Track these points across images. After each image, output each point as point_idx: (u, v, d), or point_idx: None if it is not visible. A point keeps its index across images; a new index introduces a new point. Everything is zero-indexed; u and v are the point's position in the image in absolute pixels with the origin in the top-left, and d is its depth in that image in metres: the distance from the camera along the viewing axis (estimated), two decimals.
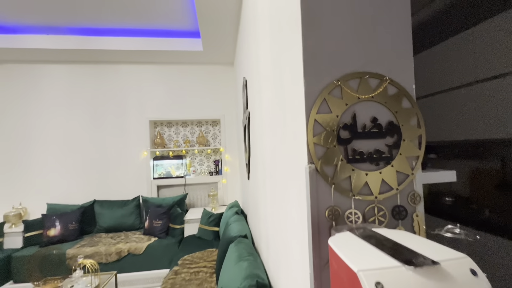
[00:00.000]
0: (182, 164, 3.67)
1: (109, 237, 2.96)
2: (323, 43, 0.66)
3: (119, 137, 3.46)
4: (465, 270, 0.40)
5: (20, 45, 2.95)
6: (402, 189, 0.67)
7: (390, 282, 0.38)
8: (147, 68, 3.55)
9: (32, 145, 3.27)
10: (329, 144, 0.65)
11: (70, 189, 3.31)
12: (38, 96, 3.30)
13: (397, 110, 0.69)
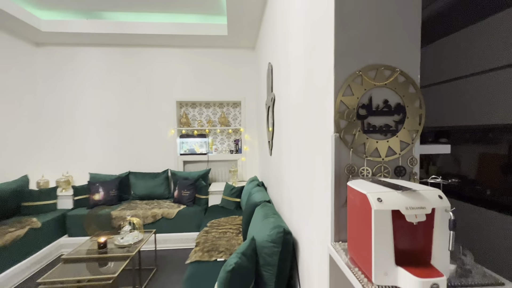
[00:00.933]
0: (205, 142, 3.99)
1: (143, 203, 3.38)
2: (349, 42, 0.88)
3: (150, 115, 3.80)
4: (434, 195, 0.64)
5: (63, 29, 3.23)
6: (403, 154, 0.91)
7: (386, 198, 0.63)
8: (174, 51, 3.79)
9: (76, 121, 3.67)
10: (350, 119, 0.89)
11: (108, 161, 3.73)
12: (80, 76, 3.65)
13: (404, 95, 0.90)
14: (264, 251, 1.42)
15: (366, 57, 0.89)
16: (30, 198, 3.00)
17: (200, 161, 3.98)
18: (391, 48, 0.90)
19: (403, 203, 0.62)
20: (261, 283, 1.42)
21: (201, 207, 3.30)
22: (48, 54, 3.61)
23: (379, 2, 0.88)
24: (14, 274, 2.37)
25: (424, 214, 0.62)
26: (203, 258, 1.93)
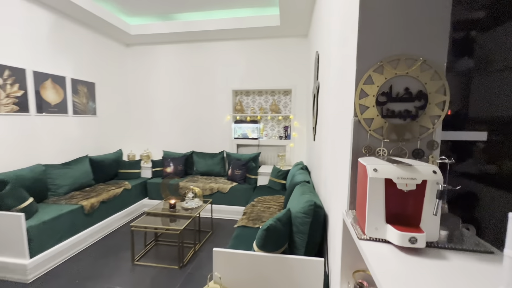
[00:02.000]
0: (257, 128, 4.32)
1: (203, 178, 3.96)
2: (371, 36, 0.99)
3: (210, 103, 4.32)
4: (429, 170, 0.75)
5: (146, 31, 3.94)
6: (422, 137, 0.99)
7: (381, 169, 0.77)
8: (232, 44, 4.15)
9: (154, 108, 4.47)
10: (369, 105, 1.01)
11: (177, 142, 4.45)
12: (158, 70, 4.40)
13: (427, 82, 0.97)
14: (297, 220, 1.65)
15: (388, 48, 0.98)
16: (123, 167, 3.90)
17: (251, 145, 4.35)
18: (415, 39, 0.96)
19: (395, 174, 0.76)
20: (294, 246, 1.66)
21: (250, 185, 3.68)
22: (135, 52, 4.45)
23: None
24: (115, 220, 3.22)
25: (414, 184, 0.75)
26: (248, 224, 2.28)
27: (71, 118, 3.38)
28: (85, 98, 3.59)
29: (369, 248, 0.75)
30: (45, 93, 2.99)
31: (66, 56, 3.27)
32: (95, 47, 3.77)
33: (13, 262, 2.13)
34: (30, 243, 2.17)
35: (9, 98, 2.59)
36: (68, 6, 3.02)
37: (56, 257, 2.40)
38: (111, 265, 2.42)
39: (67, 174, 3.05)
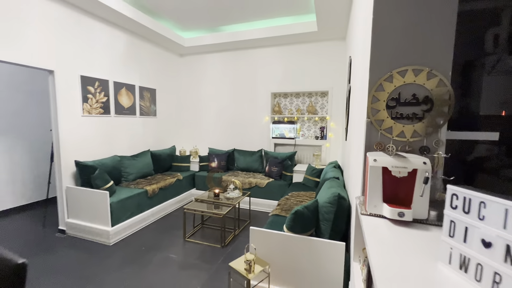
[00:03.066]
0: (294, 128, 4.55)
1: (243, 173, 4.36)
2: (383, 50, 1.18)
3: (251, 105, 4.70)
4: (420, 161, 0.94)
5: (197, 43, 4.51)
6: (428, 136, 1.14)
7: (380, 159, 0.98)
8: (271, 50, 4.47)
9: (202, 110, 5.05)
10: (379, 108, 1.21)
11: (221, 140, 4.95)
12: (206, 76, 4.96)
13: (432, 88, 1.13)
14: (323, 209, 1.87)
15: (397, 60, 1.17)
16: (176, 161, 4.53)
17: (288, 144, 4.59)
18: (422, 52, 1.13)
19: (390, 163, 0.96)
20: (320, 232, 1.88)
21: (286, 182, 3.94)
22: (188, 62, 5.09)
23: (413, 17, 1.13)
24: (169, 204, 3.82)
25: (406, 172, 0.94)
26: (281, 214, 2.55)
27: (138, 119, 4.11)
28: (148, 102, 4.30)
29: (367, 220, 0.98)
30: (120, 98, 3.73)
31: (135, 67, 4.00)
32: (156, 58, 4.47)
33: (101, 228, 2.80)
34: (112, 215, 2.81)
35: (97, 103, 3.34)
36: (139, 28, 3.71)
37: (128, 229, 3.03)
38: (167, 239, 2.95)
39: (135, 164, 3.75)
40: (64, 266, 2.38)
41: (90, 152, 3.29)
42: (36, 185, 3.93)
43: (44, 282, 2.13)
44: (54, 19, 2.80)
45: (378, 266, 0.67)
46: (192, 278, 2.23)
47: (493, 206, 0.54)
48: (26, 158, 3.81)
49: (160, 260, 2.51)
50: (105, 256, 2.57)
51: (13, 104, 3.65)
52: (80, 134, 3.15)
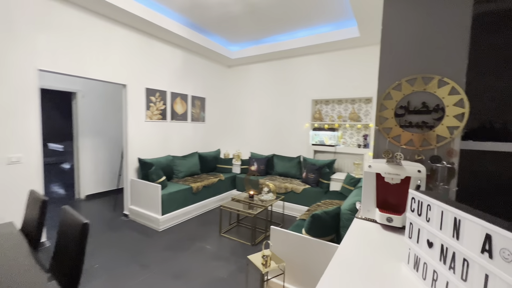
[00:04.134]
0: (334, 135, 4.46)
1: (280, 178, 4.47)
2: (392, 58, 1.20)
3: (291, 112, 4.81)
4: (414, 169, 0.95)
5: (242, 55, 4.89)
6: (439, 146, 1.11)
7: (375, 166, 1.02)
8: (312, 58, 4.52)
9: (245, 116, 5.40)
10: (388, 116, 1.22)
11: (261, 145, 5.18)
12: (251, 85, 5.31)
13: (444, 96, 1.10)
14: (344, 216, 1.87)
15: (406, 69, 1.17)
16: (220, 162, 4.94)
17: (328, 152, 4.52)
18: (432, 60, 1.12)
19: (384, 170, 0.99)
20: (339, 239, 1.88)
21: (322, 189, 3.89)
22: (234, 72, 5.53)
23: (422, 26, 1.13)
24: (211, 202, 4.20)
25: (399, 179, 0.96)
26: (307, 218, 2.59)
27: (189, 124, 4.67)
28: (198, 109, 4.85)
29: (359, 223, 1.02)
30: (176, 106, 4.32)
31: (188, 79, 4.58)
32: (207, 70, 5.01)
33: (153, 216, 3.31)
34: (162, 206, 3.30)
35: (157, 110, 3.97)
36: (193, 45, 4.26)
37: (174, 219, 3.48)
38: (205, 232, 3.28)
39: (184, 164, 4.27)
40: (123, 242, 2.92)
41: (150, 151, 3.91)
42: (111, 177, 4.84)
43: (107, 252, 2.67)
44: (128, 44, 3.50)
45: (340, 255, 0.75)
46: (221, 268, 2.47)
47: (435, 209, 0.58)
48: (105, 155, 4.75)
49: (197, 249, 2.83)
50: (155, 239, 3.03)
51: (98, 111, 4.62)
52: (143, 136, 3.80)
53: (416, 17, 1.14)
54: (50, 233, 2.97)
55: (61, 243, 1.26)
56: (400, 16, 1.19)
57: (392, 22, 1.21)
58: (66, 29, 2.82)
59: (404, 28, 1.17)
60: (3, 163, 2.42)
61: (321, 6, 3.26)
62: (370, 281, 0.65)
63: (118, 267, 2.41)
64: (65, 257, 1.18)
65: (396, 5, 1.20)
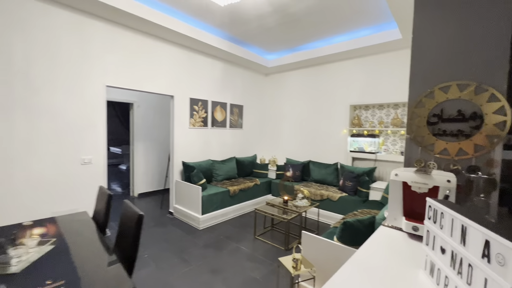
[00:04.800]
0: (375, 142, 4.25)
1: (316, 185, 4.43)
2: (423, 66, 1.19)
3: (327, 118, 4.75)
4: (443, 179, 0.93)
5: (279, 63, 5.03)
6: (477, 155, 1.06)
7: (402, 174, 1.03)
8: (350, 62, 4.42)
9: (282, 122, 5.50)
10: (420, 125, 1.20)
11: (297, 151, 5.20)
12: (287, 91, 5.40)
13: (482, 104, 1.05)
14: (377, 226, 1.83)
15: (439, 76, 1.15)
16: (256, 167, 5.11)
17: (368, 159, 4.33)
18: (468, 66, 1.08)
19: (411, 179, 1.00)
20: None
21: (361, 198, 3.74)
22: (271, 80, 5.70)
23: (456, 32, 1.10)
24: (246, 205, 4.37)
25: (426, 188, 0.96)
26: None
27: (228, 130, 4.95)
28: (236, 116, 5.11)
29: (384, 231, 1.03)
30: (216, 114, 4.65)
31: (227, 88, 4.88)
32: (244, 79, 5.27)
33: (194, 215, 3.61)
34: (202, 206, 3.57)
35: (199, 118, 4.33)
36: (232, 56, 4.55)
37: (213, 219, 3.73)
38: (241, 234, 3.44)
39: (223, 168, 4.54)
40: (168, 237, 3.24)
41: (192, 155, 4.27)
42: (159, 178, 5.38)
43: (155, 245, 3.00)
44: (175, 59, 3.92)
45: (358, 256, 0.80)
46: (255, 269, 2.58)
47: (446, 216, 0.61)
48: (154, 158, 5.31)
49: (233, 249, 3.00)
50: (195, 236, 3.30)
51: (150, 119, 5.22)
52: (186, 141, 4.18)
53: (449, 24, 1.12)
54: (109, 224, 3.47)
55: (122, 228, 1.53)
56: (432, 23, 1.17)
57: (423, 30, 1.19)
58: (126, 50, 3.32)
59: (436, 35, 1.15)
60: (79, 163, 2.94)
61: (358, 11, 3.22)
62: (384, 283, 0.69)
63: (164, 259, 2.71)
64: (125, 239, 1.44)
65: (427, 13, 1.19)
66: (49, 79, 2.69)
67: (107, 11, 2.90)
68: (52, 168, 2.75)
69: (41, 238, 1.40)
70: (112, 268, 1.22)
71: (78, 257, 1.27)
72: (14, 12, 2.46)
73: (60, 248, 1.36)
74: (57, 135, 2.78)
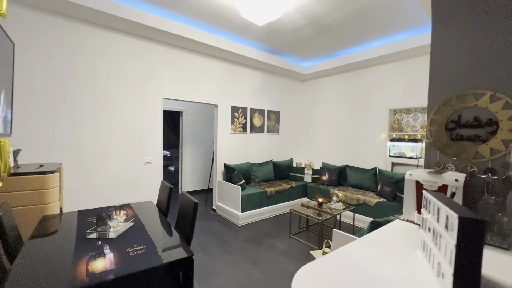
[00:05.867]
0: (416, 147, 4.10)
1: (353, 189, 4.43)
2: (441, 76, 1.30)
3: (365, 122, 4.72)
4: (452, 178, 1.06)
5: (315, 70, 5.18)
6: (493, 158, 1.14)
7: (415, 174, 1.17)
8: (387, 66, 4.36)
9: (318, 127, 5.60)
10: (438, 129, 1.31)
11: (334, 155, 5.24)
12: (324, 97, 5.51)
13: (497, 111, 1.14)
14: None
15: (456, 86, 1.26)
16: (292, 171, 5.29)
17: (409, 165, 4.18)
18: (483, 76, 1.18)
19: (423, 178, 1.14)
20: None
21: (400, 204, 3.66)
22: (307, 86, 5.86)
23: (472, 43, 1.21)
24: (282, 207, 4.59)
25: (436, 186, 1.09)
26: None
27: (265, 135, 5.26)
28: (273, 122, 5.40)
29: (399, 223, 1.19)
30: (254, 120, 5.00)
31: (265, 95, 5.21)
32: (281, 86, 5.54)
33: (234, 212, 3.97)
34: (241, 204, 3.91)
35: (239, 124, 4.73)
36: (270, 66, 4.88)
37: (251, 217, 4.04)
38: (277, 232, 3.68)
39: (261, 170, 4.85)
40: (213, 230, 3.65)
41: (233, 158, 4.68)
42: (203, 178, 5.94)
43: (201, 235, 3.42)
44: (219, 71, 4.40)
45: (368, 237, 0.99)
46: (289, 263, 2.79)
47: (431, 203, 0.78)
48: (200, 160, 5.90)
49: (269, 245, 3.25)
50: (235, 231, 3.65)
51: (196, 125, 5.83)
52: (228, 145, 4.60)
53: (464, 38, 1.23)
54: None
55: (181, 213, 1.93)
56: (448, 38, 1.28)
57: (440, 44, 1.31)
58: (179, 67, 3.89)
59: (452, 49, 1.26)
60: (142, 163, 3.55)
61: (393, 16, 3.24)
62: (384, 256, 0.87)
63: (209, 248, 3.10)
64: (184, 221, 1.82)
65: (443, 28, 1.31)
66: (121, 94, 3.35)
67: (165, 36, 3.48)
68: (122, 167, 3.39)
69: (125, 216, 1.87)
70: (176, 240, 1.60)
71: (151, 231, 1.68)
72: (100, 43, 3.16)
73: (138, 224, 1.79)
74: (127, 140, 3.42)
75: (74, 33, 2.97)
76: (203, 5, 3.05)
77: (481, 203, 1.11)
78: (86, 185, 3.11)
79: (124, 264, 1.25)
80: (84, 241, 1.50)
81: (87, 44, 3.06)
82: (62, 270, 1.19)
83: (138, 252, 1.38)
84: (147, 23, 3.15)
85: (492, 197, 1.08)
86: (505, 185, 1.11)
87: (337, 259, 0.85)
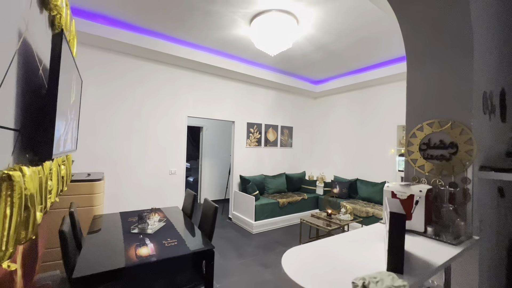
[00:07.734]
0: None
1: (363, 202, 4.59)
2: (415, 108, 1.61)
3: (375, 138, 4.93)
4: (417, 189, 1.35)
5: (326, 88, 5.52)
6: (455, 174, 1.42)
7: (392, 186, 1.47)
8: (396, 85, 4.60)
9: (329, 141, 5.86)
10: (414, 150, 1.60)
11: (345, 169, 5.45)
12: (335, 113, 5.81)
13: (457, 136, 1.42)
14: None
15: (426, 115, 1.56)
16: (304, 183, 5.55)
17: None
18: (446, 108, 1.47)
19: (396, 189, 1.43)
20: None
21: None
22: (319, 103, 6.19)
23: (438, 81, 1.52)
24: (293, 218, 4.83)
25: (406, 196, 1.38)
26: None
27: (278, 149, 5.61)
28: (286, 137, 5.74)
29: (378, 226, 1.47)
30: (268, 135, 5.38)
31: (279, 112, 5.60)
32: (294, 103, 5.92)
33: (248, 221, 4.29)
34: (255, 213, 4.23)
35: (254, 138, 5.13)
36: (283, 86, 5.30)
37: (264, 226, 4.33)
38: (288, 240, 3.93)
39: (274, 182, 5.16)
40: (228, 237, 3.98)
41: (248, 170, 5.05)
42: (220, 188, 6.34)
43: (218, 241, 3.76)
44: (236, 91, 4.87)
45: (347, 235, 1.30)
46: None
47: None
48: (217, 172, 6.32)
49: (280, 252, 3.52)
50: (249, 239, 3.95)
51: (215, 139, 6.31)
52: (243, 158, 4.99)
53: (432, 76, 1.54)
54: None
55: (203, 215, 2.30)
56: (419, 76, 1.60)
57: (414, 81, 1.63)
58: (202, 88, 4.40)
59: (422, 85, 1.58)
60: (168, 174, 4.02)
61: (397, 42, 3.55)
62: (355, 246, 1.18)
63: (225, 252, 3.42)
64: (206, 222, 2.19)
65: (415, 69, 1.63)
66: (153, 114, 3.89)
67: (191, 63, 4.03)
68: (151, 176, 3.87)
69: (159, 217, 2.27)
70: (199, 237, 1.96)
71: (180, 229, 2.07)
72: (138, 71, 3.74)
73: (169, 224, 2.19)
74: (156, 153, 3.92)
75: (118, 64, 3.58)
76: (224, 38, 3.56)
77: (443, 210, 1.39)
78: (121, 191, 3.60)
79: (162, 252, 1.64)
80: (130, 235, 1.91)
81: (128, 72, 3.66)
82: (118, 253, 1.59)
83: (172, 244, 1.76)
84: (177, 54, 3.70)
85: (450, 205, 1.36)
86: (463, 196, 1.38)
87: (319, 245, 1.17)
